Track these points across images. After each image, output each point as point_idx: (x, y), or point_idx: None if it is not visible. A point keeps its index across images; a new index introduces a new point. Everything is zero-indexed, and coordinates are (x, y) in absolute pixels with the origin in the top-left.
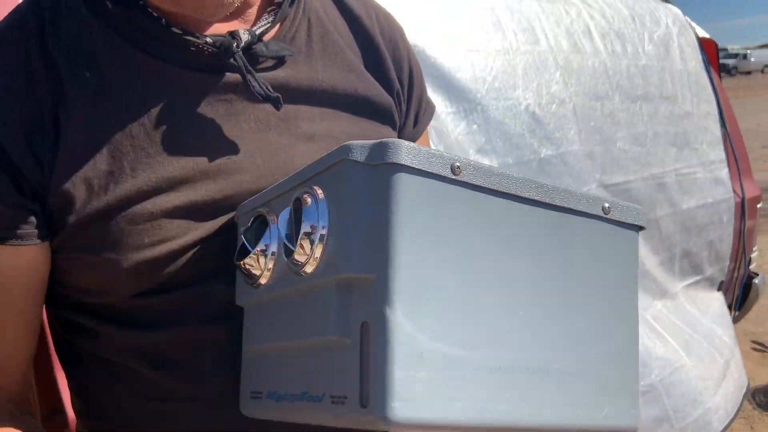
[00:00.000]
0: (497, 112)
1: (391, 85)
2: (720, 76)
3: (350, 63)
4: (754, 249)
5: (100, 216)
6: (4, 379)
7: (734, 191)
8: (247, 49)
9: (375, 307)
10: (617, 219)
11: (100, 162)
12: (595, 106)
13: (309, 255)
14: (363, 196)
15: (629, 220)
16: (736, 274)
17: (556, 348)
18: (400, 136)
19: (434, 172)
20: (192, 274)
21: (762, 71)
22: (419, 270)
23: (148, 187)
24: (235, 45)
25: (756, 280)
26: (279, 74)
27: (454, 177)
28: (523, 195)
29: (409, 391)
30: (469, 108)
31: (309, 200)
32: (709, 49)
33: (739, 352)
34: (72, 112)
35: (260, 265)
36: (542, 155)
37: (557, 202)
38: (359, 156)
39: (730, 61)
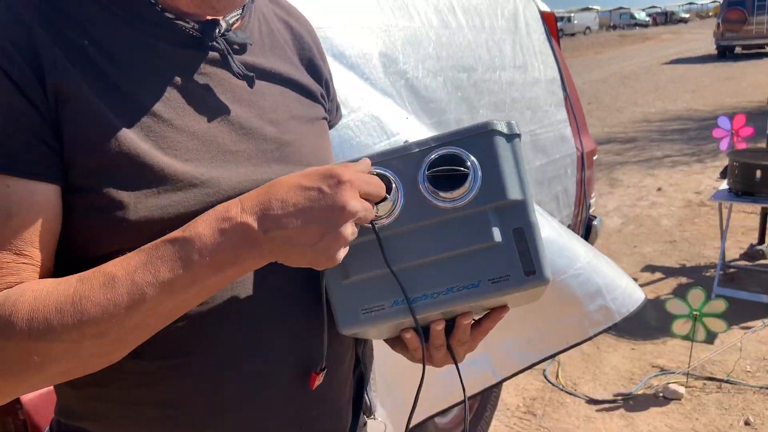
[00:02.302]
0: (383, 84)
1: (320, 80)
2: (559, 44)
3: (290, 58)
4: (593, 195)
5: (114, 161)
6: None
7: (575, 146)
8: (222, 35)
9: (525, 218)
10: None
11: (109, 117)
12: (462, 78)
13: (465, 192)
14: (506, 153)
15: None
16: (579, 218)
17: None
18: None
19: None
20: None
21: (584, 32)
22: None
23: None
24: (216, 31)
25: (595, 222)
26: (244, 58)
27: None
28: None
29: (548, 261)
30: (359, 83)
31: (463, 156)
32: (549, 21)
33: None
34: (76, 79)
35: (388, 206)
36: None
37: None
38: (502, 128)
39: (557, 24)
